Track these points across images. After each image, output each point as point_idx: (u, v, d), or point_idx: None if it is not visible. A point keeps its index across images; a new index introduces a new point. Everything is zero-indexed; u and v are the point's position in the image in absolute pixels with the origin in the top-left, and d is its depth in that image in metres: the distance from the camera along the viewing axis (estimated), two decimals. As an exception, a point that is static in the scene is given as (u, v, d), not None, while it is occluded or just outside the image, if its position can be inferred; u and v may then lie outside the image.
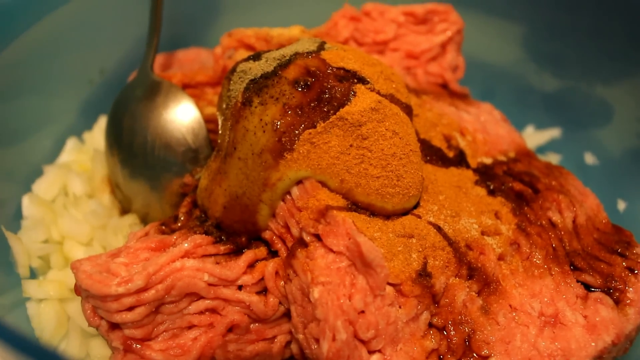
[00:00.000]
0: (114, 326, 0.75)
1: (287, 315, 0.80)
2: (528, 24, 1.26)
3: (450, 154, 0.92)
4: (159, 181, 0.93)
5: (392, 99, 0.80)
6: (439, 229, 0.80)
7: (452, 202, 0.84)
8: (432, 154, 0.89)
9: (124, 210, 1.00)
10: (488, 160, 0.95)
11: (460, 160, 0.92)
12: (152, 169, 0.93)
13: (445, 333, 0.76)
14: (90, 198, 1.00)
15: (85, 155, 1.07)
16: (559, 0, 1.19)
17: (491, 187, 0.89)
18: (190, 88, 0.99)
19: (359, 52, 0.85)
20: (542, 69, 1.28)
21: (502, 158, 0.97)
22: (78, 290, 0.76)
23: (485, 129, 1.00)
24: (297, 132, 0.75)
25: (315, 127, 0.75)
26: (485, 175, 0.91)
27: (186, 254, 0.76)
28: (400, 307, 0.73)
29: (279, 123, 0.75)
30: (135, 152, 0.94)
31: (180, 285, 0.74)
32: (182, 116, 0.93)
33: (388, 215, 0.79)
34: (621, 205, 1.11)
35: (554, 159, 1.21)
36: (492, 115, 1.05)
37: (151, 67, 0.98)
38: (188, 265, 0.75)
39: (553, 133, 1.23)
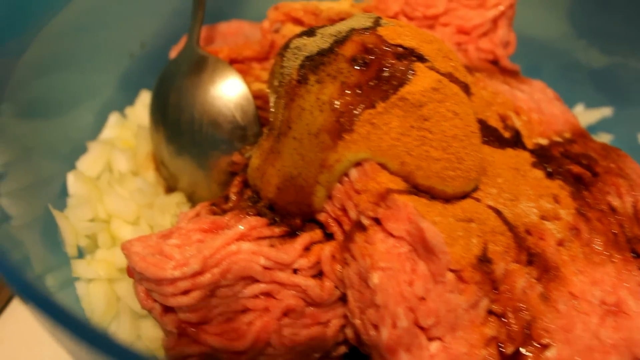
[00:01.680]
0: (168, 309, 0.74)
1: (341, 299, 0.78)
2: None
3: (507, 135, 0.89)
4: (206, 159, 0.91)
5: (451, 77, 0.77)
6: (498, 213, 0.77)
7: (511, 185, 0.82)
8: (488, 134, 0.86)
9: (169, 188, 0.98)
10: (544, 141, 0.92)
11: (516, 141, 0.89)
12: (199, 146, 0.91)
13: (504, 320, 0.73)
14: (135, 175, 0.99)
15: (128, 131, 1.05)
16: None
17: (549, 170, 0.86)
18: (237, 63, 0.96)
19: (415, 28, 0.82)
20: (590, 44, 1.24)
21: (558, 139, 0.94)
22: (131, 272, 0.74)
23: (539, 108, 0.96)
24: (356, 112, 0.72)
25: (374, 107, 0.72)
26: (542, 157, 0.88)
27: (241, 237, 0.74)
28: (460, 293, 0.71)
29: (337, 102, 0.73)
30: (182, 129, 0.91)
31: (236, 269, 0.72)
32: (229, 92, 0.91)
33: (447, 199, 0.76)
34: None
35: (605, 139, 1.17)
36: (545, 93, 1.02)
37: (197, 41, 0.95)
38: (244, 248, 0.73)
39: (604, 112, 1.19)
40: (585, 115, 1.19)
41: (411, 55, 0.76)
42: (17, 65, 0.89)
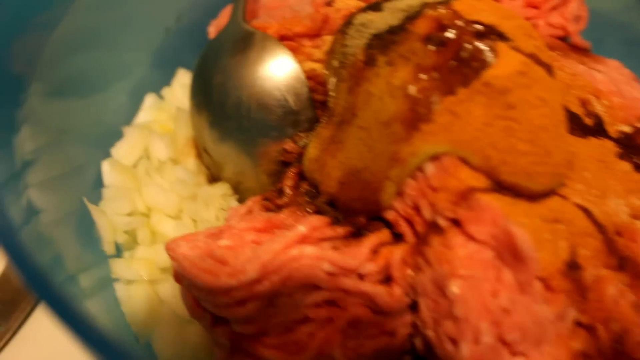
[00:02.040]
0: (220, 319, 0.67)
1: (409, 306, 0.70)
2: None
3: (588, 122, 0.80)
4: (254, 146, 0.82)
5: (536, 59, 0.69)
6: (587, 212, 0.69)
7: (598, 180, 0.73)
8: (571, 122, 0.78)
9: (213, 178, 0.90)
10: (627, 128, 0.83)
11: (599, 128, 0.81)
12: (247, 132, 0.82)
13: (593, 332, 0.66)
14: (175, 163, 0.91)
15: (165, 113, 0.97)
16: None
17: (636, 161, 0.78)
18: (287, 40, 0.87)
19: (492, 2, 0.74)
20: (657, 16, 1.14)
21: (641, 125, 0.85)
22: (179, 278, 0.67)
23: (620, 90, 0.88)
24: (434, 99, 0.64)
25: (455, 93, 0.64)
26: (628, 146, 0.80)
27: (303, 239, 0.66)
28: (547, 304, 0.63)
29: (412, 88, 0.64)
30: (228, 113, 0.83)
31: (298, 276, 0.64)
32: (280, 73, 0.82)
33: (532, 196, 0.68)
34: None
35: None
36: (622, 74, 0.93)
37: (243, 16, 0.87)
38: (307, 252, 0.65)
39: (678, 93, 1.10)
40: (658, 97, 1.10)
41: (492, 33, 0.67)
42: (47, 42, 0.82)
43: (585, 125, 0.80)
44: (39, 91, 0.81)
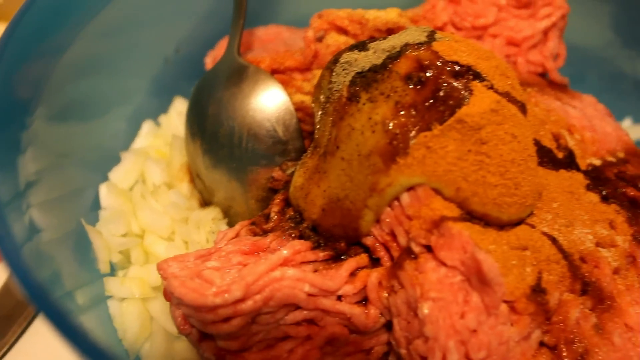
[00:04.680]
0: (206, 335, 0.71)
1: (385, 325, 0.75)
2: (619, 2, 1.18)
3: (560, 155, 0.85)
4: (244, 174, 0.87)
5: (509, 97, 0.74)
6: (553, 240, 0.74)
7: (566, 210, 0.78)
8: (543, 155, 0.83)
9: (204, 202, 0.95)
10: (597, 162, 0.89)
11: (570, 161, 0.86)
12: (238, 160, 0.87)
13: (557, 352, 0.71)
14: (169, 188, 0.95)
15: (161, 140, 1.02)
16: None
17: (604, 193, 0.83)
18: (279, 73, 0.92)
19: (471, 43, 0.79)
20: (636, 53, 1.20)
21: (611, 159, 0.91)
22: (168, 295, 0.71)
23: (592, 125, 0.93)
24: (411, 134, 0.69)
25: (430, 129, 0.69)
26: (596, 179, 0.85)
27: (285, 262, 0.71)
28: (512, 325, 0.68)
29: (390, 123, 0.69)
30: (221, 142, 0.88)
31: (279, 296, 0.68)
32: (271, 105, 0.88)
33: (502, 225, 0.73)
34: None
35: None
36: (596, 109, 0.98)
37: (237, 50, 0.92)
38: (288, 274, 0.69)
39: (654, 127, 1.15)
40: (635, 130, 1.15)
41: (468, 73, 0.73)
42: (54, 68, 0.87)
43: (557, 159, 0.85)
44: (44, 115, 0.85)
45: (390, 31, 0.92)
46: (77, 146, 0.93)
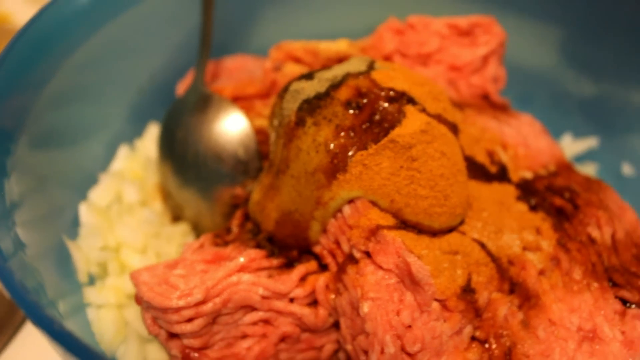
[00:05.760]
0: (173, 335, 0.79)
1: (335, 325, 0.83)
2: (565, 27, 1.24)
3: (493, 170, 0.93)
4: (210, 192, 0.96)
5: (440, 118, 0.82)
6: (482, 245, 0.82)
7: (495, 218, 0.86)
8: (475, 170, 0.91)
9: (175, 218, 1.03)
10: (529, 175, 0.97)
11: (502, 175, 0.94)
12: (204, 180, 0.96)
13: (486, 346, 0.78)
14: (143, 206, 1.04)
15: (136, 162, 1.10)
16: (596, 3, 1.18)
17: (532, 203, 0.91)
18: (241, 100, 1.02)
19: (407, 71, 0.87)
20: (580, 74, 1.26)
21: (543, 172, 0.98)
22: (139, 300, 0.79)
23: (526, 142, 1.01)
24: (349, 153, 0.77)
25: (366, 148, 0.77)
26: (527, 190, 0.93)
27: (242, 268, 0.80)
28: (445, 321, 0.75)
29: (332, 144, 0.78)
30: (189, 163, 0.97)
31: (236, 298, 0.77)
32: (233, 129, 0.97)
33: (435, 233, 0.81)
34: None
35: (591, 168, 1.21)
36: (532, 127, 1.06)
37: (202, 81, 1.01)
38: (244, 279, 0.78)
39: (591, 142, 1.23)
40: (574, 145, 1.23)
41: (402, 98, 0.81)
42: (37, 98, 0.93)
43: (490, 173, 0.93)
44: (27, 141, 0.92)
45: (341, 60, 0.99)
46: (59, 169, 1.00)
